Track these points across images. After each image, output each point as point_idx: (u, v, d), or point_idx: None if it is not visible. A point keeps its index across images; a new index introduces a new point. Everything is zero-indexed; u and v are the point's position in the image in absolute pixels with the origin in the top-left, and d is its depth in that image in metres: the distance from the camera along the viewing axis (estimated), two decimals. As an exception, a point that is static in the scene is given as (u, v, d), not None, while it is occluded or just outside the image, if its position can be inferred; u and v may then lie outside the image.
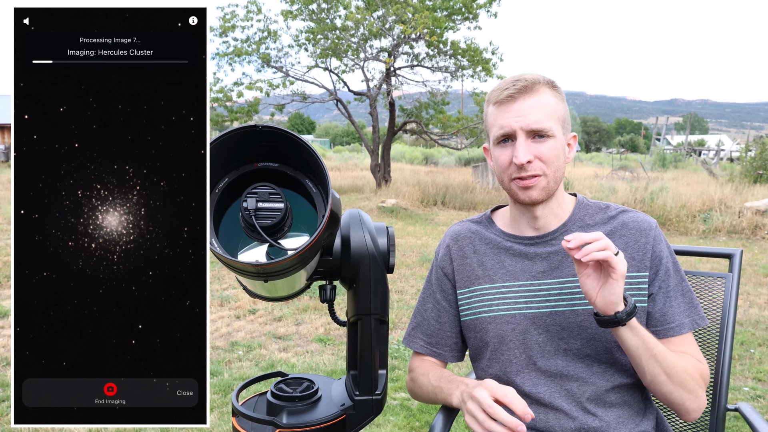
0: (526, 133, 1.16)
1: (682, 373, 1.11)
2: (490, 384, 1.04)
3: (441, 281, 1.34)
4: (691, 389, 1.12)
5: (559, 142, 1.18)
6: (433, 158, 26.99)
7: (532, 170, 1.16)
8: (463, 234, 1.34)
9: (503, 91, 1.18)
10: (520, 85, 1.16)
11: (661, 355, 1.09)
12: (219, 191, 0.82)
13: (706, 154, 35.61)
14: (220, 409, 2.92)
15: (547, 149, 1.16)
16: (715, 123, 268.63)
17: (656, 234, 1.21)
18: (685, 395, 1.12)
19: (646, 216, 1.25)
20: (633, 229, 1.22)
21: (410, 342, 1.37)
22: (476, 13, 13.75)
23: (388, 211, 10.58)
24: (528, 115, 1.15)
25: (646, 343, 1.08)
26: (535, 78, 1.18)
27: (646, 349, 1.08)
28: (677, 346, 1.17)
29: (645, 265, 1.19)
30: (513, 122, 1.16)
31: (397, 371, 3.43)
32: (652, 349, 1.08)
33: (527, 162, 1.15)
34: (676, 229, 9.18)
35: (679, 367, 1.11)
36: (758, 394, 3.23)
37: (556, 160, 1.17)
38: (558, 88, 1.21)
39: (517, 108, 1.16)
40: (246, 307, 4.66)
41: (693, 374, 1.13)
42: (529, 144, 1.16)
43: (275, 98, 14.65)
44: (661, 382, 1.11)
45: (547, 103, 1.17)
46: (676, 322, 1.18)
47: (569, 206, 1.27)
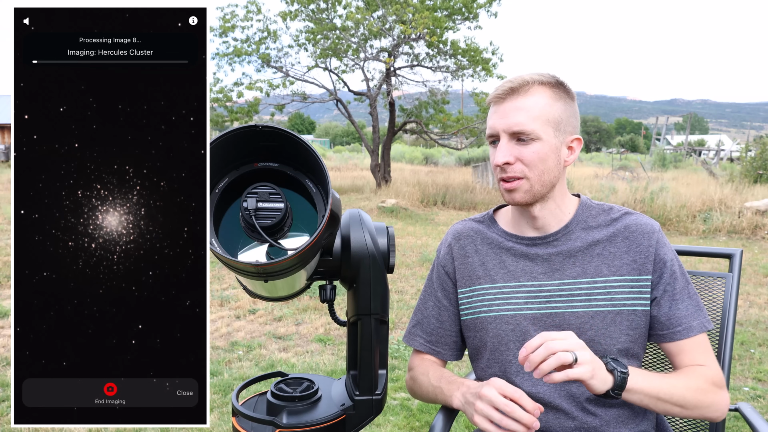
0: (508, 135, 1.16)
1: (694, 397, 1.10)
2: (499, 383, 1.05)
3: (442, 279, 1.34)
4: (707, 405, 1.12)
5: (548, 144, 1.15)
6: (433, 158, 26.99)
7: (512, 172, 1.16)
8: (465, 233, 1.34)
9: (495, 91, 1.18)
10: (508, 86, 1.16)
11: (667, 394, 1.08)
12: (219, 191, 0.82)
13: (706, 154, 35.62)
14: (220, 409, 2.92)
15: (530, 152, 1.15)
16: (715, 123, 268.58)
17: (659, 237, 1.21)
18: (704, 411, 1.13)
19: (649, 219, 1.24)
20: (636, 232, 1.21)
21: (410, 340, 1.37)
22: (476, 13, 13.75)
23: (388, 211, 10.58)
24: (510, 117, 1.15)
25: (648, 393, 1.07)
26: (529, 78, 1.16)
27: (650, 399, 1.08)
28: (689, 352, 1.17)
29: (647, 269, 1.19)
30: (497, 123, 1.17)
31: (397, 371, 3.43)
32: (657, 395, 1.08)
33: (505, 163, 1.16)
34: (676, 229, 9.18)
35: (689, 394, 1.10)
36: (758, 394, 3.23)
37: (540, 163, 1.15)
38: (561, 88, 1.18)
39: (503, 109, 1.16)
40: (246, 307, 4.66)
41: (705, 389, 1.12)
42: (511, 146, 1.16)
43: (275, 98, 14.65)
44: (677, 413, 1.12)
45: (537, 105, 1.14)
46: (683, 325, 1.17)
47: (572, 207, 1.26)
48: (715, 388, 1.14)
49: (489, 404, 1.03)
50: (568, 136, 1.19)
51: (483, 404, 1.04)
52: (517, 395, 1.02)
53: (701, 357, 1.18)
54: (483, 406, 1.04)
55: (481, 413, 1.04)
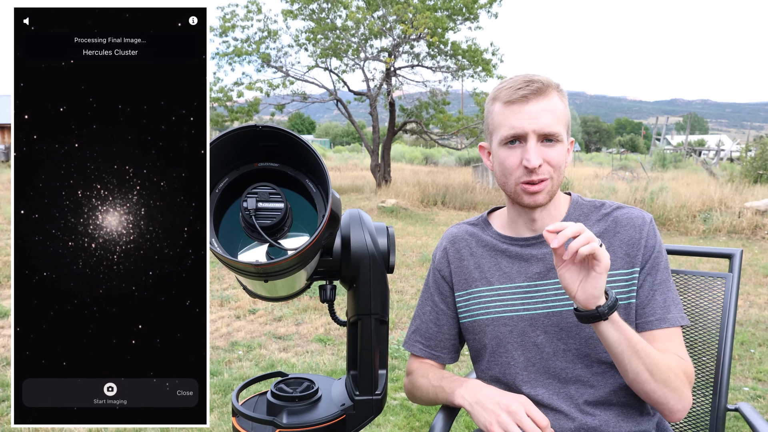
0: (537, 137, 1.14)
1: (666, 371, 1.08)
2: (527, 403, 1.09)
3: (439, 284, 1.34)
4: (675, 387, 1.09)
5: (565, 146, 1.19)
6: (433, 158, 26.99)
7: (541, 174, 1.15)
8: (459, 236, 1.34)
9: (516, 91, 1.15)
10: (534, 86, 1.14)
11: (644, 351, 1.07)
12: (219, 191, 0.82)
13: (706, 154, 35.61)
14: (220, 409, 2.92)
15: (556, 153, 1.16)
16: (715, 123, 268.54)
17: (650, 229, 1.21)
18: (669, 394, 1.09)
19: (640, 211, 1.24)
20: (626, 225, 1.21)
21: (410, 346, 1.37)
22: (477, 13, 13.75)
23: (388, 211, 10.58)
24: (541, 118, 1.14)
25: (628, 338, 1.05)
26: (548, 81, 1.17)
27: (628, 344, 1.06)
28: (661, 341, 1.16)
29: (638, 261, 1.19)
30: (526, 124, 1.14)
31: (397, 371, 3.42)
32: (635, 345, 1.06)
33: (538, 166, 1.14)
34: (676, 229, 9.17)
35: (663, 365, 1.08)
36: (758, 394, 3.23)
37: (562, 164, 1.18)
38: (564, 92, 1.21)
39: (530, 110, 1.14)
40: (246, 307, 4.66)
41: (677, 372, 1.10)
42: (539, 147, 1.15)
43: (275, 98, 14.65)
44: (644, 380, 1.08)
45: (557, 107, 1.17)
46: (656, 316, 1.16)
47: (564, 206, 1.27)
48: (685, 379, 1.12)
49: (513, 419, 1.05)
50: (569, 138, 1.23)
51: (506, 417, 1.06)
52: (544, 423, 1.05)
53: (674, 349, 1.16)
54: (506, 420, 1.06)
55: (502, 425, 1.06)
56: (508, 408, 1.07)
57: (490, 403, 1.10)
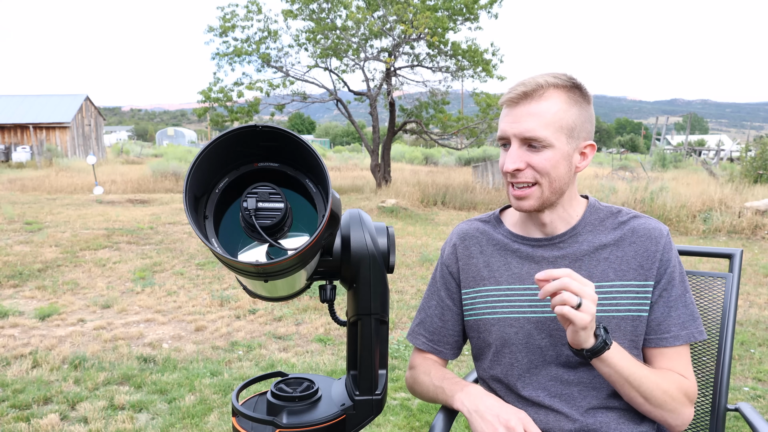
0: (519, 141, 1.13)
1: (661, 396, 1.11)
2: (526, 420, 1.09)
3: (446, 279, 1.34)
4: (671, 409, 1.12)
5: (559, 152, 1.12)
6: (433, 158, 27.00)
7: (523, 178, 1.14)
8: (470, 233, 1.33)
9: (509, 93, 1.14)
10: (520, 89, 1.12)
11: (636, 381, 1.09)
12: (219, 191, 0.82)
13: (706, 154, 35.61)
14: (220, 409, 2.91)
15: (541, 159, 1.12)
16: (715, 123, 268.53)
17: (666, 242, 1.19)
18: (666, 414, 1.13)
19: (658, 223, 1.21)
20: (643, 236, 1.19)
21: (413, 339, 1.37)
22: (477, 13, 13.74)
23: (388, 211, 10.58)
24: (522, 123, 1.11)
25: (619, 371, 1.08)
26: (544, 81, 1.11)
27: (618, 376, 1.09)
28: (669, 359, 1.17)
29: (652, 274, 1.17)
30: (508, 128, 1.14)
31: (397, 371, 3.42)
32: (627, 377, 1.09)
33: (515, 170, 1.13)
34: (676, 229, 9.17)
35: (658, 391, 1.10)
36: (758, 394, 3.23)
37: (552, 170, 1.12)
38: (577, 92, 1.13)
39: (515, 113, 1.12)
40: (246, 307, 4.66)
41: (674, 395, 1.12)
42: (521, 152, 1.13)
43: (275, 98, 14.64)
44: (639, 404, 1.13)
45: (550, 110, 1.10)
46: (671, 333, 1.16)
47: (580, 209, 1.24)
48: (684, 399, 1.14)
49: None
50: (582, 141, 1.15)
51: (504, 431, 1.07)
52: None
53: (680, 366, 1.17)
54: None
55: None
56: (507, 424, 1.07)
57: (490, 415, 1.10)
